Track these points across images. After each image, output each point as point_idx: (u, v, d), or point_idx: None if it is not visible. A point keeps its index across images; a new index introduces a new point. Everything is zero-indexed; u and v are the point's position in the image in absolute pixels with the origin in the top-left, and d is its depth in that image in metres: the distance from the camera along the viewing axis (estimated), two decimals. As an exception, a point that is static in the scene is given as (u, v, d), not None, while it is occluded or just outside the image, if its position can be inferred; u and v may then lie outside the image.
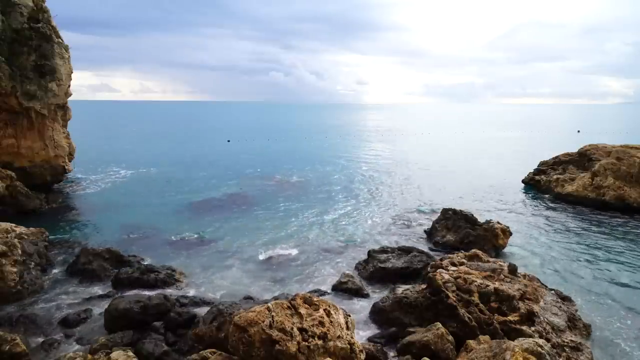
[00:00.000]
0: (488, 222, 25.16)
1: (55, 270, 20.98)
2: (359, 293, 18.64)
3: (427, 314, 15.09)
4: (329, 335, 11.16)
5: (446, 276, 15.78)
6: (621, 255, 23.93)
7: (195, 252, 24.24)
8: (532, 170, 44.53)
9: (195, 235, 26.85)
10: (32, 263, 19.31)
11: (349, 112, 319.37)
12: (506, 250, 24.44)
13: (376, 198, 37.80)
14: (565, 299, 16.91)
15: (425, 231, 27.68)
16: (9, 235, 19.44)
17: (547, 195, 38.52)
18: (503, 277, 16.47)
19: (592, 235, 27.36)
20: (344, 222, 30.34)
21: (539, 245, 25.69)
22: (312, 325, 11.24)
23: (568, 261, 23.22)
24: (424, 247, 24.73)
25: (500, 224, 25.01)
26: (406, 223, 30.16)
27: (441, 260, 18.40)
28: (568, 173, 39.83)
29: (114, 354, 12.18)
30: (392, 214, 32.35)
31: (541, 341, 11.60)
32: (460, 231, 25.08)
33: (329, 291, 19.13)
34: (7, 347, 12.68)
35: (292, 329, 10.96)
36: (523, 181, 44.09)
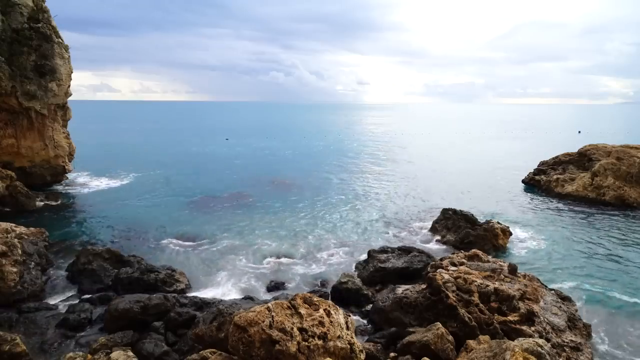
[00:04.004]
0: (488, 222, 25.18)
1: (55, 270, 20.97)
2: (359, 293, 18.63)
3: (427, 314, 15.08)
4: (329, 335, 11.15)
5: (446, 276, 15.77)
6: (621, 255, 23.93)
7: (196, 252, 24.26)
8: (532, 170, 44.54)
9: (196, 236, 26.85)
10: (32, 263, 19.28)
11: (349, 112, 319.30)
12: (506, 250, 24.46)
13: (376, 198, 37.78)
14: (565, 299, 16.89)
15: (425, 231, 27.68)
16: (9, 235, 19.43)
17: (547, 195, 38.50)
18: (503, 277, 16.47)
19: (592, 235, 27.35)
20: (343, 222, 30.34)
21: (539, 245, 25.67)
22: (312, 325, 11.23)
23: (568, 261, 23.22)
24: (424, 247, 24.75)
25: (500, 224, 25.04)
26: (406, 223, 30.15)
27: (441, 260, 18.39)
28: (568, 173, 39.82)
29: (114, 354, 12.18)
30: (392, 214, 32.34)
31: (541, 341, 11.58)
32: (460, 231, 25.08)
33: (328, 291, 19.14)
34: (7, 347, 12.67)
35: (292, 329, 10.96)
36: (523, 181, 44.09)
